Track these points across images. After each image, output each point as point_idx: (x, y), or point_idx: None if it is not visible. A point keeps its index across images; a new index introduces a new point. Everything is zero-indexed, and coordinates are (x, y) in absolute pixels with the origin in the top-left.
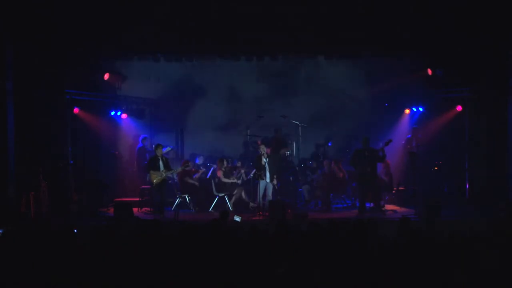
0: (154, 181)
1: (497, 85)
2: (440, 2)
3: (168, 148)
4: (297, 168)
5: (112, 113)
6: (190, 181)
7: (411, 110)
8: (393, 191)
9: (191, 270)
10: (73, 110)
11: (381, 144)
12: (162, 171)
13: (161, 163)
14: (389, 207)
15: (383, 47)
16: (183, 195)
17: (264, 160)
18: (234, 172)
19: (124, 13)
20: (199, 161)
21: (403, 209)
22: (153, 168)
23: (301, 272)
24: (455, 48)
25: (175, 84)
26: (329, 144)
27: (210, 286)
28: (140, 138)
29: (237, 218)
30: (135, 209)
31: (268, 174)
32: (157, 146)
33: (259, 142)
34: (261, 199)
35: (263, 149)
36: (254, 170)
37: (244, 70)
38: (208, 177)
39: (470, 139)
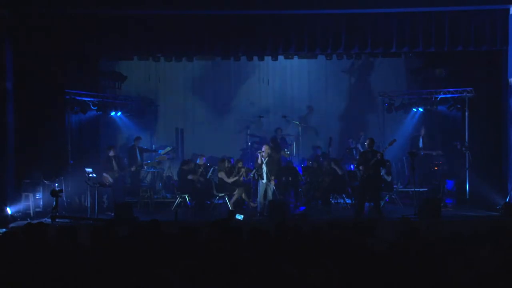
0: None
1: (497, 85)
2: (441, 2)
3: (168, 148)
4: (297, 168)
5: (112, 113)
6: (194, 178)
7: (411, 110)
8: (393, 191)
9: (191, 270)
10: (73, 110)
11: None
12: (116, 170)
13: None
14: (389, 207)
15: (383, 47)
16: (183, 195)
17: (263, 160)
18: (234, 171)
19: (124, 13)
20: (200, 161)
21: (403, 209)
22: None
23: (301, 272)
24: (455, 48)
25: (175, 84)
26: (329, 145)
27: (210, 286)
28: (134, 138)
29: (239, 217)
30: None
31: (266, 175)
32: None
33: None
34: (261, 199)
35: (266, 149)
36: (254, 170)
37: (245, 70)
38: (208, 177)
39: (470, 139)
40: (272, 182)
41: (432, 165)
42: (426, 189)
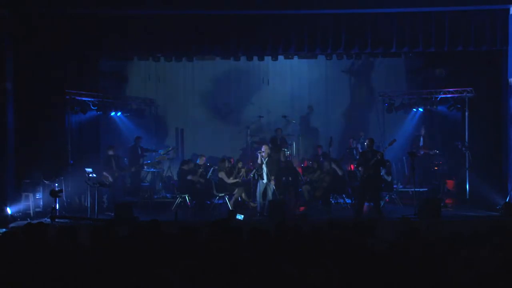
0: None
1: (497, 85)
2: (441, 2)
3: (168, 148)
4: (297, 168)
5: (112, 113)
6: (193, 179)
7: (412, 110)
8: (393, 191)
9: (191, 270)
10: (73, 110)
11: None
12: (115, 170)
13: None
14: (389, 207)
15: (383, 47)
16: (183, 195)
17: (263, 160)
18: (234, 172)
19: (124, 13)
20: (200, 161)
21: (403, 209)
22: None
23: (301, 272)
24: (455, 48)
25: (175, 84)
26: (330, 145)
27: (210, 286)
28: (134, 138)
29: (240, 217)
30: None
31: (266, 175)
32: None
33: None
34: (261, 199)
35: (265, 149)
36: (254, 170)
37: (245, 70)
38: (208, 177)
39: (470, 139)
40: (272, 182)
41: (432, 165)
42: (426, 189)
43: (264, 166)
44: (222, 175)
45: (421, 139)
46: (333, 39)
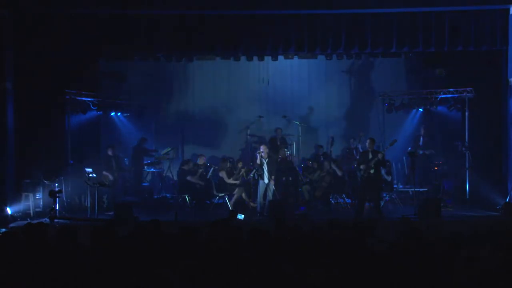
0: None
1: (497, 85)
2: (441, 2)
3: (168, 148)
4: (297, 168)
5: (112, 113)
6: (193, 180)
7: (412, 110)
8: (393, 191)
9: (191, 270)
10: (73, 110)
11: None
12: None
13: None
14: (389, 207)
15: (383, 47)
16: (183, 195)
17: (263, 160)
18: (234, 172)
19: (124, 13)
20: (200, 161)
21: (403, 209)
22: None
23: (301, 272)
24: (455, 48)
25: (175, 84)
26: (331, 145)
27: (210, 286)
28: (138, 139)
29: (240, 217)
30: None
31: (266, 175)
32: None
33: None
34: (261, 199)
35: (265, 150)
36: (254, 170)
37: (245, 70)
38: (208, 177)
39: (470, 139)
40: (272, 182)
41: (432, 165)
42: (426, 189)
43: (264, 167)
44: (223, 174)
45: (421, 139)
46: (333, 39)
